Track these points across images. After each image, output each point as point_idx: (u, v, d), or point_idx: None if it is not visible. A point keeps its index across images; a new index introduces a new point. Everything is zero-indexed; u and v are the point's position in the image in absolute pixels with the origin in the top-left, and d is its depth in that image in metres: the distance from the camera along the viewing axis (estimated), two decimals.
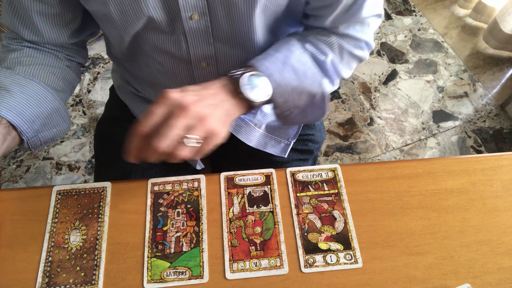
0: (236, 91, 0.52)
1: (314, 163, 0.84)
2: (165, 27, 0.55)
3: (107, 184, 0.55)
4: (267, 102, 0.56)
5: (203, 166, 0.75)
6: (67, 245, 0.50)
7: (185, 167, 0.77)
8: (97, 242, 0.50)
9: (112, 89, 0.86)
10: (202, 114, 0.47)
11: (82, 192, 0.53)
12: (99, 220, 0.52)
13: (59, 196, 0.53)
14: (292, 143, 0.76)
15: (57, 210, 0.52)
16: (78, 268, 0.48)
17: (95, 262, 0.49)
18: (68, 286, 0.47)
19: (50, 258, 0.49)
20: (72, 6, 0.57)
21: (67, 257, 0.49)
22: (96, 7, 0.54)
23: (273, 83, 0.53)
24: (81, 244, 0.50)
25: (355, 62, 0.65)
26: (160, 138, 0.46)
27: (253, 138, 0.71)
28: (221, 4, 0.53)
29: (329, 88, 0.62)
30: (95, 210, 0.52)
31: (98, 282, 0.47)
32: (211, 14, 0.54)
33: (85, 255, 0.49)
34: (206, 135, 0.47)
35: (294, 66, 0.55)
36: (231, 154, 0.80)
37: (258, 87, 0.52)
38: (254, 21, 0.55)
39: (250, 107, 0.53)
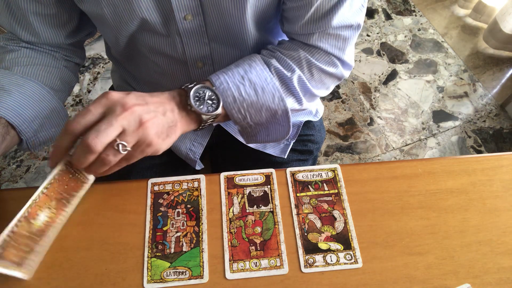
0: (185, 104, 0.50)
1: (314, 164, 0.84)
2: (159, 28, 0.55)
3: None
4: (226, 118, 0.54)
5: (203, 166, 0.75)
6: (33, 221, 0.46)
7: (185, 167, 0.77)
8: (49, 229, 0.47)
9: (111, 90, 0.86)
10: (142, 118, 0.44)
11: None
12: (65, 209, 0.50)
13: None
14: (292, 144, 0.76)
15: (53, 182, 0.47)
16: (26, 248, 0.45)
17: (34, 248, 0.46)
18: (8, 263, 0.44)
19: (15, 229, 0.44)
20: (68, 6, 0.57)
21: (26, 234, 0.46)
22: (90, 8, 0.54)
23: (227, 97, 0.52)
24: (42, 226, 0.47)
25: (329, 80, 0.61)
26: (95, 133, 0.42)
27: None
28: (213, 7, 0.52)
29: (294, 106, 0.59)
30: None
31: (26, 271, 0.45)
32: (204, 14, 0.54)
33: (36, 238, 0.46)
34: (140, 141, 0.45)
35: (252, 81, 0.53)
36: (231, 155, 0.80)
37: (208, 101, 0.51)
38: (246, 22, 0.55)
39: (200, 121, 0.52)
